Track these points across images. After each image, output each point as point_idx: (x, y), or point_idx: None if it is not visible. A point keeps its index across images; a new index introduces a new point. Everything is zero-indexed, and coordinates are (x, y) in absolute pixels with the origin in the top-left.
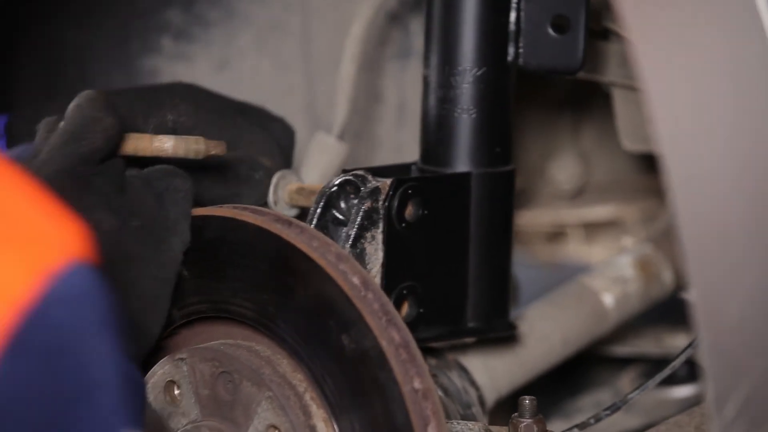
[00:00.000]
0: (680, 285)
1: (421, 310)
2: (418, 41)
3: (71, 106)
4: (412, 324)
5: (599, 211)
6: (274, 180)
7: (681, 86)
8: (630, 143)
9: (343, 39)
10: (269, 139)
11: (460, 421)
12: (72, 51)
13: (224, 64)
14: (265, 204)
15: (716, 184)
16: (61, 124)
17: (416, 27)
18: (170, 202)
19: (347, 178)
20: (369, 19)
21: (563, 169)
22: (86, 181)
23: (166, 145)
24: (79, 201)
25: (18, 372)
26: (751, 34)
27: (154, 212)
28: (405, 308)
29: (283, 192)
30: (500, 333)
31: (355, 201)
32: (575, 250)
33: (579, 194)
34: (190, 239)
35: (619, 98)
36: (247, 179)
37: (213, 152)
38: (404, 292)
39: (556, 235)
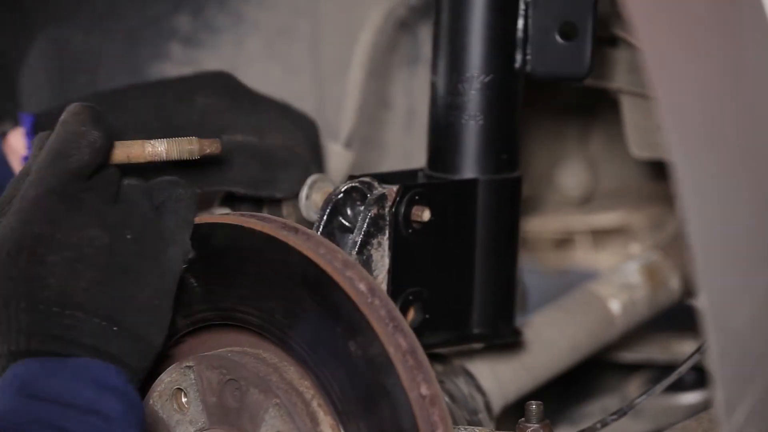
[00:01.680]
0: (687, 292)
1: (427, 316)
2: (426, 48)
3: (59, 120)
4: (418, 329)
5: (607, 218)
6: (309, 181)
7: (691, 93)
8: (638, 150)
9: (352, 44)
10: (297, 130)
11: (467, 427)
12: (81, 57)
13: (233, 70)
14: (295, 198)
15: (725, 191)
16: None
17: (425, 34)
18: (169, 211)
19: (353, 185)
20: (378, 26)
21: (571, 175)
22: (77, 198)
23: (159, 149)
24: (71, 220)
25: None
26: (761, 42)
27: (149, 223)
28: (411, 314)
29: (318, 195)
30: (505, 339)
31: (362, 208)
32: (583, 256)
33: (586, 201)
34: (194, 247)
35: (627, 105)
36: (285, 165)
37: (208, 151)
38: (410, 297)
39: (564, 241)
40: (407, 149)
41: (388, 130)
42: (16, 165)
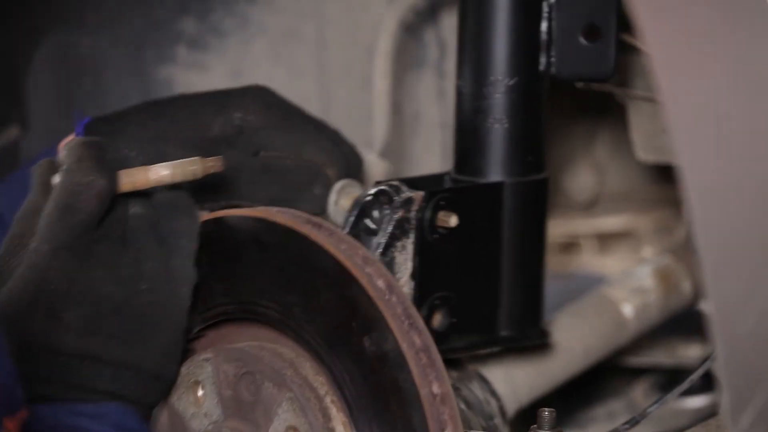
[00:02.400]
0: (699, 296)
1: (454, 320)
2: (432, 52)
3: (63, 161)
4: (446, 333)
5: (613, 222)
6: (338, 186)
7: (699, 98)
8: (644, 154)
9: (357, 47)
10: (337, 151)
11: None
12: (87, 60)
13: (239, 73)
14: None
15: (733, 195)
16: (55, 180)
17: (430, 37)
18: (174, 249)
19: (382, 188)
20: (393, 32)
21: (577, 179)
22: (88, 251)
23: (163, 173)
24: (85, 277)
25: None
26: None
27: (160, 267)
28: (438, 318)
29: (346, 200)
30: (533, 341)
31: (388, 211)
32: (589, 260)
33: (593, 205)
34: (218, 238)
35: (633, 109)
36: (307, 187)
37: (212, 171)
38: (437, 302)
39: (570, 245)
40: (413, 153)
41: (396, 134)
42: None
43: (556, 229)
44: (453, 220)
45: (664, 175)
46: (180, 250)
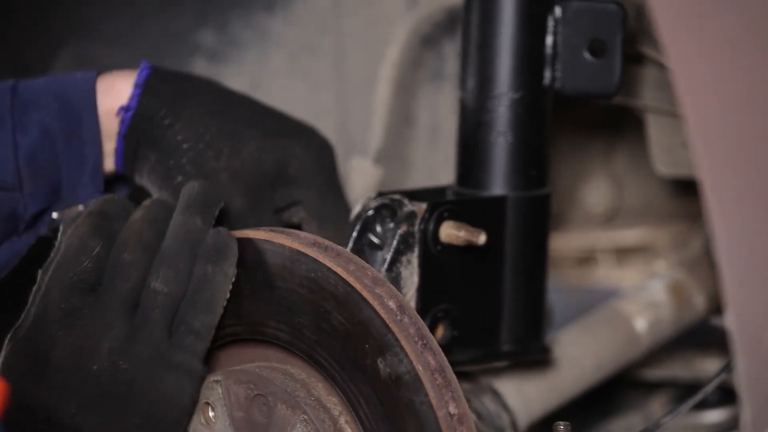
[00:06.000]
0: (712, 310)
1: (456, 333)
2: (451, 64)
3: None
4: (447, 347)
5: (630, 236)
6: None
7: (722, 111)
8: (663, 167)
9: (376, 60)
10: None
11: None
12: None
13: (257, 85)
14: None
15: (756, 209)
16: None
17: (449, 50)
18: (181, 345)
19: (384, 202)
20: (404, 43)
21: (595, 192)
22: (78, 315)
23: None
24: (66, 343)
25: None
26: None
27: (153, 352)
28: (440, 331)
29: None
30: (534, 356)
31: (392, 225)
32: (606, 274)
33: (611, 218)
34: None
35: (652, 123)
36: None
37: None
38: (439, 314)
39: (587, 259)
40: (431, 165)
41: (412, 145)
42: (109, 106)
43: (574, 242)
44: (482, 238)
45: (682, 188)
46: (185, 350)
